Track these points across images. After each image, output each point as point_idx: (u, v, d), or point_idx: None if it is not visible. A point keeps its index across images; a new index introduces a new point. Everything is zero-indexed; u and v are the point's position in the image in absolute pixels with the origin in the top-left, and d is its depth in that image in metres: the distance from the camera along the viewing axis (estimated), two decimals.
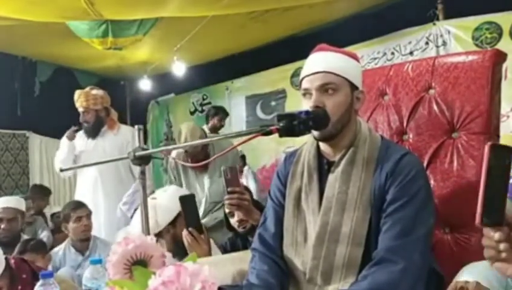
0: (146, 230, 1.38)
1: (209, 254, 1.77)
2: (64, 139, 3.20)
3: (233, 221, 1.94)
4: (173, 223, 1.87)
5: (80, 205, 2.73)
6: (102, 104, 3.20)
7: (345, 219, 1.25)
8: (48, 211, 4.31)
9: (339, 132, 1.29)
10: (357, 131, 1.32)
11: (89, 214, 2.71)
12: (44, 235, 3.44)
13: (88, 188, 3.22)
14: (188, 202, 1.78)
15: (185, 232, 1.75)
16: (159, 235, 1.84)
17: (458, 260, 1.23)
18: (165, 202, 1.91)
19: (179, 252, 1.78)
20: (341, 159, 1.30)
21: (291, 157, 1.44)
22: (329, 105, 1.25)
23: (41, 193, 4.26)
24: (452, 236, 1.42)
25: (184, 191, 2.12)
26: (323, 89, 1.26)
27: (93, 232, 2.77)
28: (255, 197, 2.40)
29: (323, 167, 1.34)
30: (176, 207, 1.85)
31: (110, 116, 3.29)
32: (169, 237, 1.87)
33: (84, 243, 2.68)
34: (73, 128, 3.22)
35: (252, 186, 4.21)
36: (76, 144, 3.28)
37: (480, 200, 0.77)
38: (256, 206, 1.84)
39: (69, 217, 2.64)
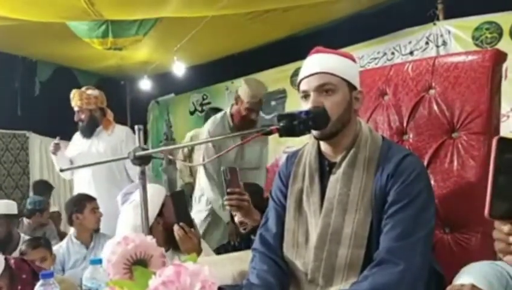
0: (146, 230, 1.38)
1: (199, 247, 1.83)
2: (52, 155, 3.26)
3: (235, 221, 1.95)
4: (160, 214, 1.93)
5: (93, 197, 2.82)
6: (96, 104, 3.22)
7: (347, 220, 1.25)
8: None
9: (339, 130, 1.29)
10: (357, 131, 1.32)
11: (98, 207, 2.80)
12: (53, 243, 3.42)
13: (82, 189, 3.22)
14: (178, 197, 1.86)
15: (176, 227, 1.81)
16: (150, 231, 1.86)
17: (458, 260, 1.23)
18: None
19: (173, 240, 1.84)
20: (342, 160, 1.30)
21: (293, 157, 1.44)
22: (328, 105, 1.25)
23: (44, 188, 4.26)
24: (452, 236, 1.42)
25: (152, 186, 2.14)
26: (321, 89, 1.27)
27: None
28: None
29: (324, 168, 1.34)
30: (158, 199, 1.93)
31: (106, 117, 3.30)
32: (161, 228, 1.92)
33: (91, 234, 2.73)
34: (55, 140, 3.25)
35: None
36: (72, 146, 3.32)
37: (488, 193, 0.76)
38: (262, 204, 1.85)
39: (84, 207, 2.69)
